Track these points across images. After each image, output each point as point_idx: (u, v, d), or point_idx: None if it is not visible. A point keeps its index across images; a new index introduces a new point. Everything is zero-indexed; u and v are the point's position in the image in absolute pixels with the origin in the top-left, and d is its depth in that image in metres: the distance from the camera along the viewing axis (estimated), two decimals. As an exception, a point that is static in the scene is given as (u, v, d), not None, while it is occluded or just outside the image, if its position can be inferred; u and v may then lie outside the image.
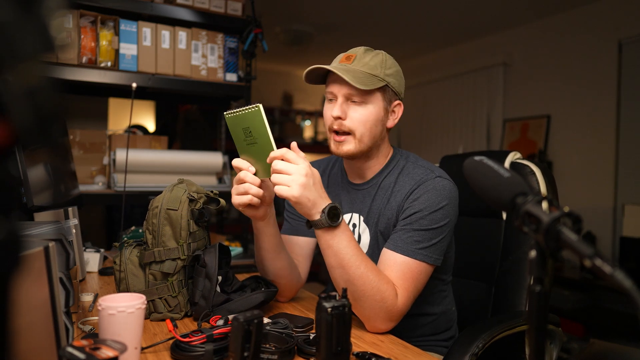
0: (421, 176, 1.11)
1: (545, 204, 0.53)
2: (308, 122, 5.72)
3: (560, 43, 3.72)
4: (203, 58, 2.14)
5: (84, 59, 1.90)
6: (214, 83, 2.16)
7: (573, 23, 3.63)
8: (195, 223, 1.08)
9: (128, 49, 1.98)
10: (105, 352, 0.60)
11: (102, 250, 1.58)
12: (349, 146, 1.11)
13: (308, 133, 5.68)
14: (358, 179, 1.22)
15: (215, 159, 2.23)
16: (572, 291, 3.05)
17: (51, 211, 1.18)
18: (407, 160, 1.18)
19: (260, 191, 1.02)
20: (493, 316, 1.30)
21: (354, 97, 1.09)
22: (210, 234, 1.19)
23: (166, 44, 2.05)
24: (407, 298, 1.03)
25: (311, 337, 0.90)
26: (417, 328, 1.19)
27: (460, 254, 1.32)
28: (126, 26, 1.97)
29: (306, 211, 0.97)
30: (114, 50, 1.96)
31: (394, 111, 1.15)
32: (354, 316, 0.99)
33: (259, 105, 0.95)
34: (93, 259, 1.52)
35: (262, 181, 1.03)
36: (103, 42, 1.94)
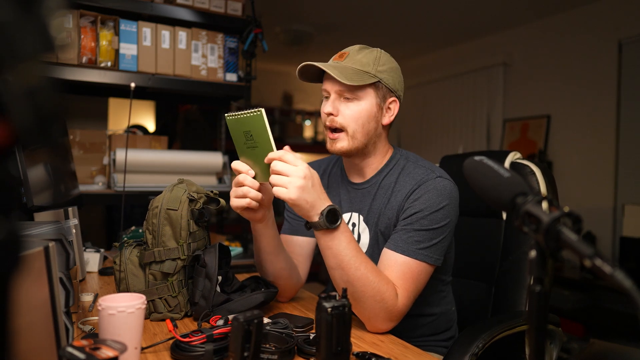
0: (422, 176, 1.11)
1: (545, 204, 0.53)
2: (308, 122, 5.72)
3: (560, 43, 3.72)
4: (203, 58, 2.14)
5: (84, 59, 1.90)
6: (214, 83, 2.16)
7: (573, 23, 3.63)
8: (195, 223, 1.08)
9: (128, 49, 1.98)
10: (105, 352, 0.60)
11: (102, 250, 1.58)
12: (343, 143, 1.12)
13: (308, 133, 5.68)
14: (358, 178, 1.22)
15: (215, 159, 2.23)
16: (572, 291, 3.05)
17: (51, 211, 1.18)
18: (408, 160, 1.18)
19: (258, 194, 1.01)
20: (493, 316, 1.30)
21: (346, 94, 1.10)
22: (210, 234, 1.18)
23: (166, 44, 2.05)
24: (408, 298, 1.03)
25: (311, 337, 0.90)
26: (417, 328, 1.19)
27: (460, 254, 1.32)
28: (126, 26, 1.97)
29: (304, 213, 0.96)
30: (114, 50, 1.97)
31: (390, 108, 1.15)
32: (354, 316, 0.99)
33: (261, 109, 0.94)
34: (93, 259, 1.52)
35: (261, 184, 1.02)
36: (103, 42, 1.94)
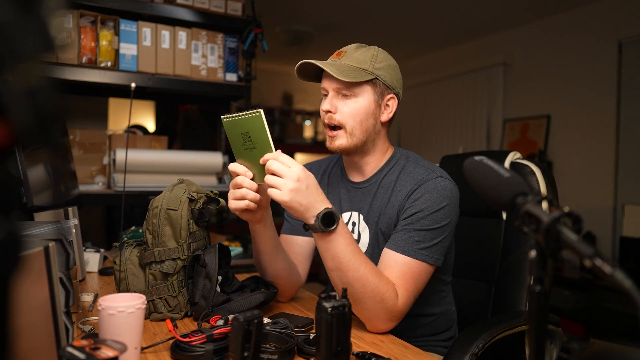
0: (422, 176, 1.11)
1: (545, 204, 0.53)
2: (308, 122, 5.72)
3: (560, 43, 3.72)
4: (203, 58, 2.14)
5: (84, 59, 1.90)
6: (214, 83, 2.16)
7: (573, 23, 3.63)
8: (195, 223, 1.08)
9: (128, 49, 1.98)
10: (105, 352, 0.60)
11: (102, 250, 1.58)
12: (341, 140, 1.12)
13: (308, 133, 5.68)
14: (357, 177, 1.22)
15: (215, 159, 2.22)
16: (572, 291, 3.05)
17: (51, 211, 1.18)
18: (408, 159, 1.18)
19: (257, 196, 1.01)
20: (493, 316, 1.30)
21: (343, 91, 1.10)
22: (210, 234, 1.18)
23: (166, 44, 2.05)
24: (408, 298, 1.03)
25: (311, 337, 0.90)
26: (417, 328, 1.19)
27: (460, 254, 1.32)
28: (126, 26, 1.97)
29: (299, 215, 0.95)
30: (114, 50, 1.96)
31: (388, 105, 1.15)
32: (354, 316, 0.99)
33: (260, 110, 0.93)
34: (93, 259, 1.52)
35: (259, 185, 1.02)
36: (103, 42, 1.94)
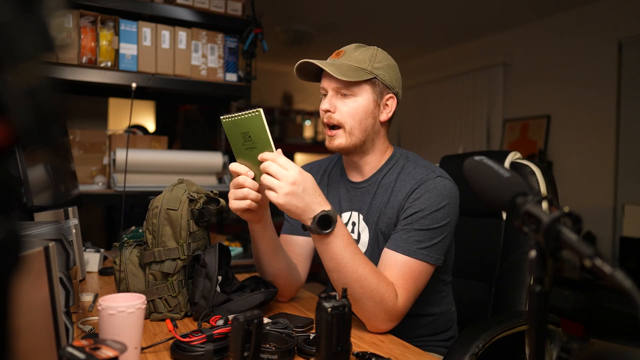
0: (422, 176, 1.11)
1: (545, 204, 0.53)
2: (308, 122, 5.72)
3: (560, 43, 3.72)
4: (203, 58, 2.14)
5: (84, 59, 1.90)
6: (214, 83, 2.16)
7: (573, 23, 3.63)
8: (195, 223, 1.08)
9: (128, 49, 1.98)
10: (105, 352, 0.60)
11: (102, 250, 1.58)
12: (340, 140, 1.12)
13: (308, 133, 5.68)
14: (357, 177, 1.22)
15: (215, 159, 2.22)
16: (572, 291, 3.05)
17: (51, 211, 1.18)
18: (408, 159, 1.18)
19: (259, 196, 1.01)
20: (493, 316, 1.30)
21: (342, 90, 1.11)
22: (210, 234, 1.18)
23: (166, 44, 2.05)
24: (408, 298, 1.03)
25: (311, 337, 0.90)
26: (417, 328, 1.19)
27: (460, 254, 1.32)
28: (126, 26, 1.97)
29: (296, 217, 0.96)
30: (114, 50, 1.96)
31: (387, 104, 1.15)
32: (354, 316, 0.99)
33: (260, 109, 0.93)
34: (93, 259, 1.52)
35: (260, 185, 1.01)
36: (103, 42, 1.94)
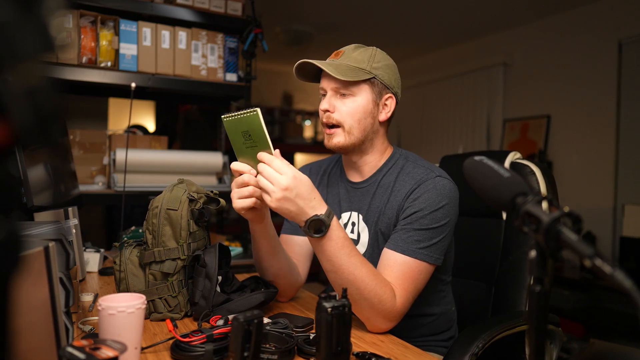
0: (421, 175, 1.11)
1: (545, 204, 0.53)
2: (308, 122, 5.72)
3: (560, 43, 3.72)
4: (203, 58, 2.14)
5: (84, 59, 1.90)
6: (214, 83, 2.16)
7: (573, 23, 3.63)
8: (195, 223, 1.08)
9: (128, 49, 1.98)
10: (105, 352, 0.60)
11: (102, 250, 1.58)
12: (339, 138, 1.13)
13: (308, 133, 5.68)
14: (356, 177, 1.22)
15: (215, 159, 2.22)
16: (572, 291, 3.05)
17: (51, 211, 1.18)
18: (407, 159, 1.18)
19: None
20: (493, 316, 1.30)
21: (341, 90, 1.11)
22: (210, 234, 1.18)
23: (166, 44, 2.05)
24: (406, 298, 1.03)
25: (311, 337, 0.90)
26: (417, 328, 1.19)
27: (460, 254, 1.32)
28: (126, 26, 1.97)
29: (291, 219, 0.98)
30: (114, 50, 1.96)
31: (386, 104, 1.15)
32: (354, 316, 0.99)
33: (257, 109, 0.94)
34: (93, 259, 1.52)
35: None
36: (103, 42, 1.94)
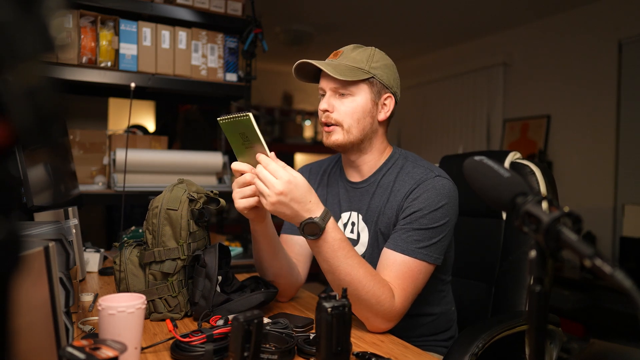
0: (421, 175, 1.11)
1: (545, 204, 0.53)
2: (308, 122, 5.72)
3: (560, 43, 3.72)
4: (203, 58, 2.14)
5: (84, 59, 1.90)
6: (214, 83, 2.16)
7: (573, 23, 3.63)
8: (195, 223, 1.08)
9: (128, 49, 1.98)
10: (105, 352, 0.60)
11: (102, 250, 1.58)
12: (337, 136, 1.13)
13: (308, 133, 5.68)
14: (356, 177, 1.22)
15: (215, 159, 2.22)
16: (572, 291, 3.05)
17: (51, 211, 1.18)
18: (407, 159, 1.18)
19: None
20: (493, 316, 1.30)
21: (340, 90, 1.12)
22: (210, 234, 1.18)
23: (166, 44, 2.05)
24: (406, 298, 1.03)
25: (311, 337, 0.90)
26: (417, 328, 1.19)
27: (460, 254, 1.32)
28: (126, 26, 1.97)
29: (287, 221, 0.99)
30: (114, 50, 1.96)
31: (385, 104, 1.15)
32: (354, 316, 0.99)
33: (249, 114, 0.95)
34: (93, 259, 1.52)
35: None
36: (103, 42, 1.94)
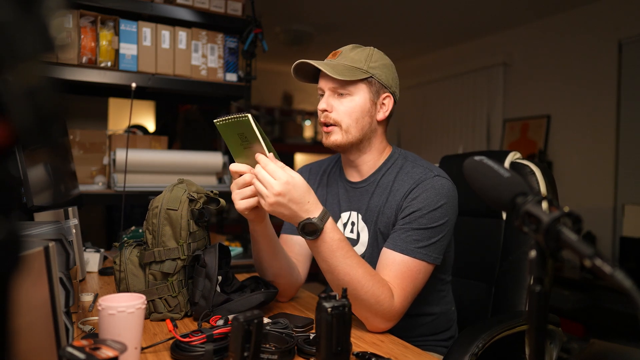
0: (420, 175, 1.11)
1: (545, 204, 0.53)
2: (308, 122, 5.72)
3: (560, 43, 3.72)
4: (203, 58, 2.14)
5: (84, 59, 1.90)
6: (214, 83, 2.16)
7: (573, 23, 3.63)
8: (195, 223, 1.08)
9: (128, 49, 1.98)
10: (105, 352, 0.60)
11: (102, 250, 1.58)
12: (336, 136, 1.13)
13: (308, 133, 5.68)
14: (355, 177, 1.22)
15: (215, 159, 2.22)
16: (572, 291, 3.05)
17: (51, 211, 1.18)
18: (406, 159, 1.18)
19: None
20: (493, 316, 1.30)
21: (339, 90, 1.12)
22: (210, 234, 1.18)
23: (166, 44, 2.05)
24: (405, 298, 1.03)
25: (311, 337, 0.90)
26: (417, 328, 1.19)
27: (460, 254, 1.32)
28: (126, 26, 1.97)
29: (286, 221, 0.99)
30: (114, 50, 1.96)
31: (384, 104, 1.15)
32: (354, 316, 0.99)
33: (248, 115, 0.94)
34: (93, 259, 1.52)
35: None
36: (103, 42, 1.94)
